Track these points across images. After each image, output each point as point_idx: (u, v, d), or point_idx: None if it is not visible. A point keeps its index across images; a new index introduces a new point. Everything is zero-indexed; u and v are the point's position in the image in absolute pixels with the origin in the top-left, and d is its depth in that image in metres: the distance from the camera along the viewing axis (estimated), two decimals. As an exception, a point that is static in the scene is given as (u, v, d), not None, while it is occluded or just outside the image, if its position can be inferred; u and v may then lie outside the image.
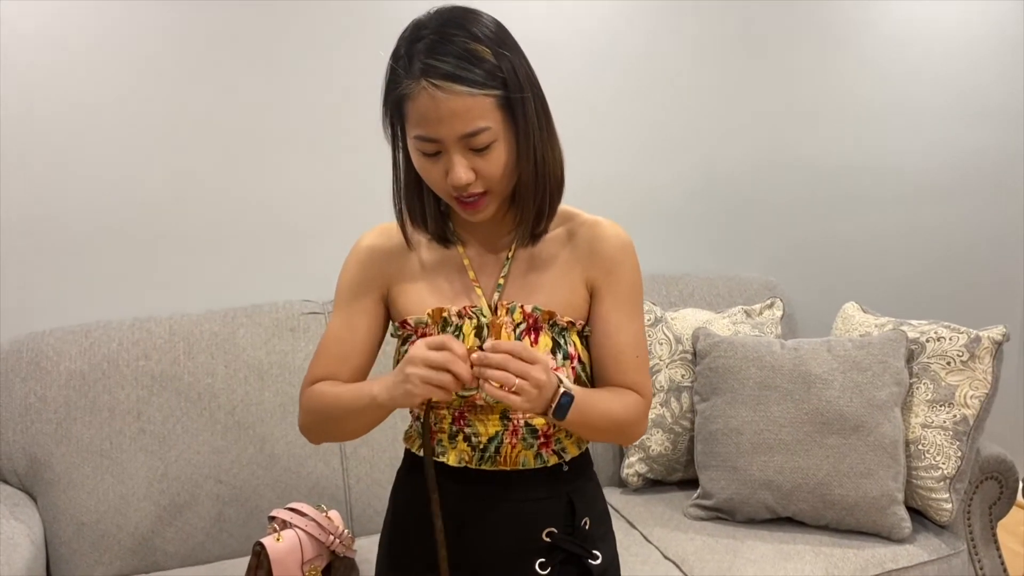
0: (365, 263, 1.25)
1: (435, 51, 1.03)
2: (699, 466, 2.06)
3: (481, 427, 1.18)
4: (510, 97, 1.06)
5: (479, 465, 1.19)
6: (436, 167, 1.09)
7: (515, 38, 1.11)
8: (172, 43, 2.07)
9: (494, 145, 1.07)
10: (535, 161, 1.11)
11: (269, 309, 2.09)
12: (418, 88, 1.03)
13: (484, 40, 1.05)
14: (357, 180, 2.25)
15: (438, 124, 1.04)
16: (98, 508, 1.88)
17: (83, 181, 2.05)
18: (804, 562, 1.84)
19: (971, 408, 1.92)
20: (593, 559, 1.22)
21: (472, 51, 1.04)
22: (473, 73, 1.03)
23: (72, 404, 1.90)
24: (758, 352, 2.02)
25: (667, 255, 2.56)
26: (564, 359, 1.17)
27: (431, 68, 1.03)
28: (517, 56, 1.09)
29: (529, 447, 1.19)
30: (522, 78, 1.08)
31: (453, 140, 1.05)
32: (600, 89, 2.45)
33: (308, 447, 2.01)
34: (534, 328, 1.17)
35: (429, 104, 1.03)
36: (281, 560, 1.62)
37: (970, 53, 2.85)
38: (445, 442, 1.20)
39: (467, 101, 1.03)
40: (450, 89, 1.02)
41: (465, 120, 1.04)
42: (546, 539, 1.21)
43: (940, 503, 1.92)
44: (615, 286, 1.20)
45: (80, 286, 2.08)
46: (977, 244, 3.01)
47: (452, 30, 1.04)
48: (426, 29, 1.06)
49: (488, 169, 1.09)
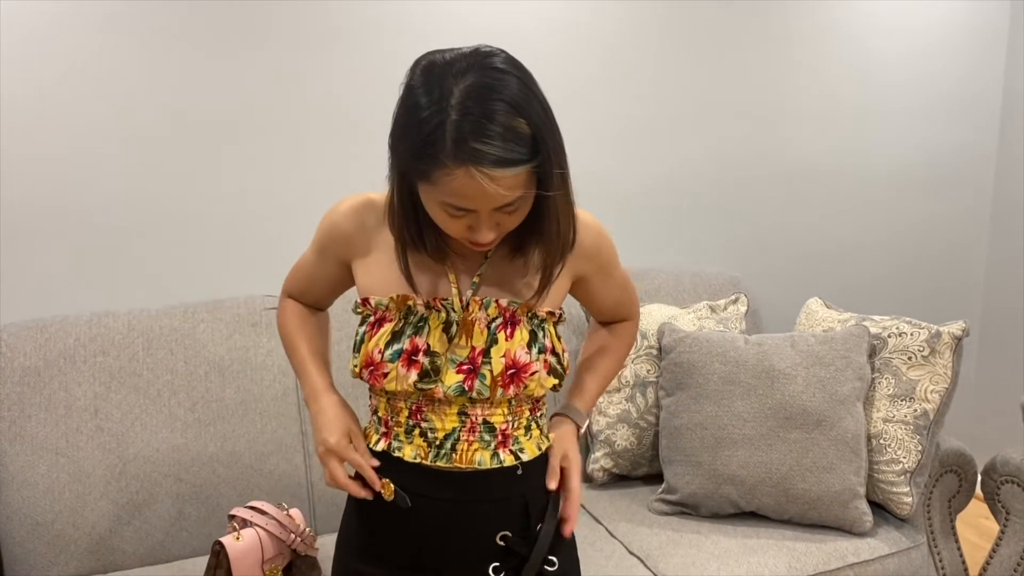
0: (334, 230, 1.24)
1: (482, 133, 0.96)
2: (664, 461, 2.07)
3: (438, 422, 1.17)
4: (543, 163, 1.02)
5: (434, 462, 1.18)
6: (459, 223, 1.06)
7: (531, 73, 1.05)
8: (135, 37, 2.03)
9: (522, 206, 1.06)
10: (568, 217, 1.13)
11: (230, 304, 2.06)
12: (464, 172, 0.98)
13: (521, 110, 0.99)
14: (320, 174, 2.23)
15: (476, 200, 1.01)
16: (54, 508, 1.84)
17: (38, 174, 2.00)
18: (767, 556, 1.85)
19: (931, 403, 1.95)
20: (549, 565, 1.21)
21: (514, 128, 0.98)
22: (518, 153, 0.98)
23: (26, 401, 1.86)
24: (722, 347, 2.03)
25: (632, 250, 2.55)
26: (539, 352, 1.16)
27: (480, 155, 0.97)
28: (542, 108, 1.03)
29: (486, 446, 1.18)
30: (552, 143, 1.03)
31: (487, 211, 1.04)
32: (567, 82, 2.45)
33: (270, 444, 1.98)
34: (511, 322, 1.16)
35: (473, 187, 0.99)
36: (241, 559, 1.60)
37: (938, 53, 2.89)
38: (402, 436, 1.20)
39: (511, 180, 1.00)
40: (499, 175, 0.98)
41: (506, 197, 1.01)
42: (500, 543, 1.20)
43: (901, 497, 1.95)
44: (600, 269, 1.29)
45: (35, 280, 2.04)
46: (938, 242, 3.06)
47: (492, 104, 0.98)
48: (468, 100, 0.98)
49: (510, 224, 1.08)
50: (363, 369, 1.18)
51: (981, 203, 3.09)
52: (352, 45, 2.20)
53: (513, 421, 1.20)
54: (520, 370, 1.15)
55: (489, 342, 1.15)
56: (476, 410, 1.17)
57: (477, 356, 1.15)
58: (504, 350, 1.15)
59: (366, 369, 1.17)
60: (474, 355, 1.15)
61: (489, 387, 1.14)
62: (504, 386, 1.15)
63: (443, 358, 1.15)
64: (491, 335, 1.15)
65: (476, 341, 1.15)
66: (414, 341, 1.15)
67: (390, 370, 1.15)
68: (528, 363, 1.15)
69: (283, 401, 2.01)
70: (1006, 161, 3.04)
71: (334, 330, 1.47)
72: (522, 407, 1.21)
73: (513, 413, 1.20)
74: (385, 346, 1.15)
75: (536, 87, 1.04)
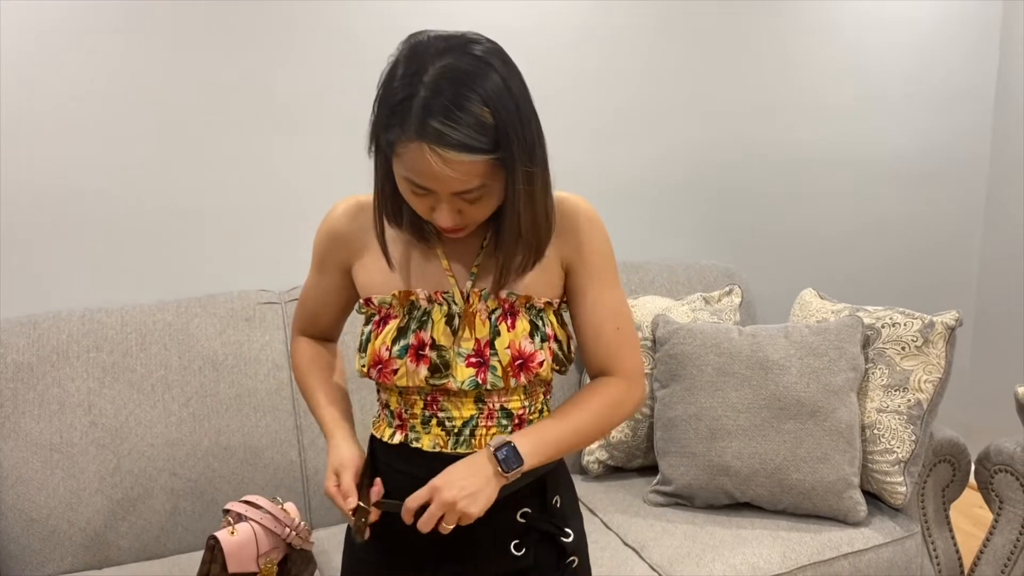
0: (332, 235, 1.25)
1: (443, 114, 0.97)
2: (658, 452, 2.07)
3: (455, 411, 1.18)
4: (506, 157, 1.02)
5: (454, 449, 1.18)
6: (422, 201, 1.07)
7: (515, 67, 1.05)
8: (119, 31, 2.02)
9: (485, 196, 1.06)
10: (531, 214, 1.09)
11: (224, 299, 2.06)
12: (418, 147, 0.99)
13: (490, 100, 0.99)
14: (312, 169, 2.22)
15: (432, 180, 1.02)
16: (48, 504, 1.84)
17: (31, 169, 1.99)
18: (762, 546, 1.86)
19: (925, 392, 1.95)
20: (566, 536, 1.23)
21: (478, 116, 0.98)
22: (476, 140, 0.98)
23: (20, 397, 1.85)
24: (716, 339, 2.03)
25: (627, 242, 2.55)
26: (542, 341, 1.17)
27: (436, 134, 0.97)
28: (515, 102, 1.02)
29: (504, 430, 1.19)
30: (519, 139, 1.02)
31: (446, 194, 1.04)
32: (561, 75, 2.44)
33: (264, 439, 1.98)
34: (510, 313, 1.16)
35: (427, 164, 0.99)
36: (235, 553, 1.60)
37: (932, 44, 2.88)
38: (418, 427, 1.20)
39: (467, 166, 1.00)
40: (452, 158, 0.98)
41: (462, 181, 1.02)
42: (520, 520, 1.21)
43: (895, 486, 1.95)
44: (587, 260, 1.21)
45: (28, 276, 2.03)
46: (932, 232, 3.06)
47: (461, 88, 0.98)
48: (441, 80, 0.98)
49: (475, 214, 1.08)
50: (371, 368, 1.18)
51: (975, 194, 3.09)
52: (342, 40, 2.18)
53: (530, 406, 1.21)
54: (527, 360, 1.16)
55: (492, 333, 1.15)
56: (493, 398, 1.18)
57: (484, 348, 1.15)
58: (508, 341, 1.15)
59: (374, 368, 1.18)
60: (480, 347, 1.15)
61: (502, 378, 1.15)
62: (515, 375, 1.16)
63: (451, 352, 1.15)
64: (493, 326, 1.16)
65: (479, 333, 1.16)
66: (419, 335, 1.16)
67: (399, 366, 1.16)
68: (533, 352, 1.16)
69: (277, 395, 2.01)
70: (1000, 151, 3.04)
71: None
72: (536, 391, 1.23)
73: (530, 398, 1.21)
74: (392, 342, 1.16)
75: (515, 81, 1.03)
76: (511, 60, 1.05)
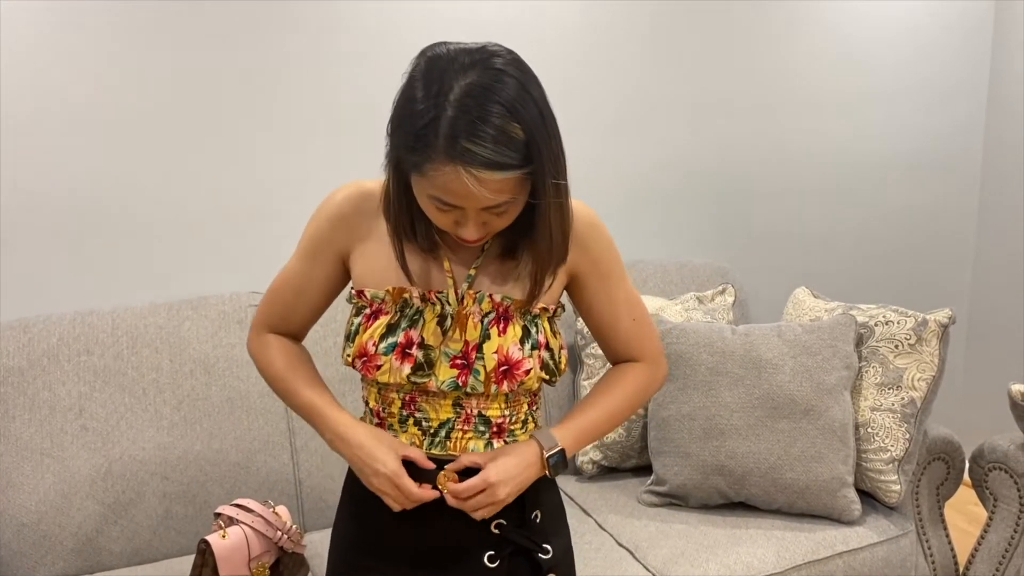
0: (334, 220, 1.21)
1: (474, 134, 0.96)
2: (652, 452, 2.07)
3: (432, 412, 1.18)
4: (536, 170, 1.02)
5: (429, 450, 1.18)
6: (447, 216, 1.06)
7: (535, 77, 1.04)
8: (111, 33, 2.01)
9: (511, 208, 1.06)
10: (560, 224, 1.10)
11: (215, 301, 2.05)
12: (453, 169, 0.97)
13: (517, 114, 0.98)
14: (304, 170, 2.21)
15: (464, 199, 1.01)
16: (39, 508, 1.82)
17: (19, 171, 1.98)
18: (756, 546, 1.85)
19: (918, 390, 1.95)
20: (543, 553, 1.21)
21: (508, 132, 0.97)
22: (509, 158, 0.98)
23: (10, 401, 1.84)
24: (709, 338, 2.02)
25: (620, 242, 2.51)
26: (533, 348, 1.16)
27: (470, 154, 0.96)
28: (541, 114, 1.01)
29: (480, 435, 1.18)
30: (547, 151, 1.02)
31: (474, 210, 1.03)
32: (553, 75, 2.43)
33: (257, 442, 1.97)
34: (503, 317, 1.16)
35: (461, 185, 0.98)
36: (227, 557, 1.59)
37: (925, 40, 2.89)
38: (396, 425, 1.20)
39: (500, 183, 0.99)
40: (486, 177, 0.98)
41: (494, 198, 1.01)
42: (495, 531, 1.20)
43: (889, 485, 1.95)
44: (594, 264, 1.22)
45: (18, 279, 2.02)
46: (926, 230, 3.06)
47: (490, 105, 0.97)
48: (467, 98, 0.97)
49: (499, 225, 1.08)
50: (356, 359, 1.18)
51: (968, 191, 3.09)
52: (337, 41, 2.18)
53: (511, 415, 1.20)
54: (512, 367, 1.15)
55: (482, 337, 1.14)
56: (471, 402, 1.17)
57: (470, 351, 1.14)
58: (496, 346, 1.14)
59: (359, 359, 1.17)
60: (467, 350, 1.15)
61: (483, 383, 1.14)
62: (498, 382, 1.15)
63: (437, 351, 1.15)
64: (484, 330, 1.15)
65: (470, 335, 1.15)
66: (408, 334, 1.15)
67: (383, 362, 1.15)
68: (520, 360, 1.15)
69: (269, 398, 2.00)
70: (993, 148, 3.04)
71: (323, 320, 1.41)
72: (520, 401, 1.21)
73: (511, 407, 1.20)
74: (380, 339, 1.15)
75: (537, 92, 1.02)
76: (529, 68, 1.04)
